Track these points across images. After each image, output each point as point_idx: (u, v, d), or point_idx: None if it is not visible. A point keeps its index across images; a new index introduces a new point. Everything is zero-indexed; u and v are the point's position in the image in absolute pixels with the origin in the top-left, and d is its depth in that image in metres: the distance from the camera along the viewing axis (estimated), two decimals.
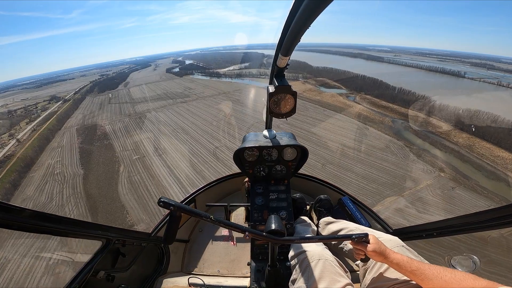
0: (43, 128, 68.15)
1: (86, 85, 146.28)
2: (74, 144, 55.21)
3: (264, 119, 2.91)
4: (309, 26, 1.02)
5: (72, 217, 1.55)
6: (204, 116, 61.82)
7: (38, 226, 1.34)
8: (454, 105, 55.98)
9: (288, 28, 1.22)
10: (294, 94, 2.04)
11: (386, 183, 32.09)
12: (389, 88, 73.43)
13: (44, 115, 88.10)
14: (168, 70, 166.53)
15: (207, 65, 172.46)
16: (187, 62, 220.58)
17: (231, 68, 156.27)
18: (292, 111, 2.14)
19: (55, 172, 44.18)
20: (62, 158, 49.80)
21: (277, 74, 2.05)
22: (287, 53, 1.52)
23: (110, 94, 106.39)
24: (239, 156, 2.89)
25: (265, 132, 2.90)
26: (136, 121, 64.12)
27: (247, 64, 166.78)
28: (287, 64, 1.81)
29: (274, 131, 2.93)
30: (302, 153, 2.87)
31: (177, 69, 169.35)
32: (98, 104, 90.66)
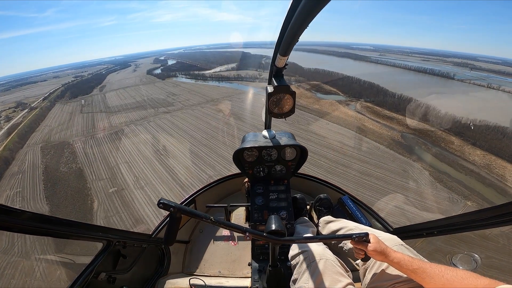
0: (2, 147, 58.21)
1: (58, 88, 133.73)
2: (37, 169, 46.64)
3: (263, 119, 2.89)
4: (308, 26, 1.02)
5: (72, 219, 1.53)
6: (191, 131, 54.62)
7: (39, 228, 1.34)
8: (458, 114, 53.25)
9: (286, 28, 1.21)
10: (293, 94, 2.03)
11: (413, 218, 27.74)
12: (387, 94, 70.29)
13: (6, 128, 77.12)
14: (149, 72, 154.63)
15: (191, 66, 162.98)
16: (170, 62, 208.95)
17: (218, 69, 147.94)
18: (291, 111, 2.13)
19: None
20: (23, 189, 41.39)
21: (276, 74, 2.01)
22: (286, 52, 1.49)
23: (83, 101, 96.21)
24: (239, 156, 2.81)
25: (265, 132, 2.82)
26: (112, 137, 55.59)
27: (233, 65, 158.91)
28: (286, 64, 1.78)
29: (273, 131, 2.84)
30: (301, 153, 2.80)
31: (159, 71, 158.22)
32: (68, 114, 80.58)
